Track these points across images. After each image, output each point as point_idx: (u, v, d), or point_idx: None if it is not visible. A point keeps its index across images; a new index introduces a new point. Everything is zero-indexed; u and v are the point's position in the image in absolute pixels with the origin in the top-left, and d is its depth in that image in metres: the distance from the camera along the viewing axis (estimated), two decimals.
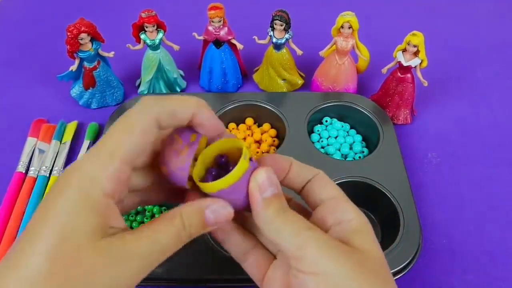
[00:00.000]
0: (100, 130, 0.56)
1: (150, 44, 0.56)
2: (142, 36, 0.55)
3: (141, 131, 0.23)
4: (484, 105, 0.61)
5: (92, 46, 0.54)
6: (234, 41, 0.57)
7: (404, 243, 0.42)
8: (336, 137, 0.54)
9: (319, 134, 0.55)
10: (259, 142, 0.54)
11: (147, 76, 0.58)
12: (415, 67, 0.53)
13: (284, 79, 0.60)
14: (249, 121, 0.56)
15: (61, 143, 0.54)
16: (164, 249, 0.24)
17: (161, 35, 0.55)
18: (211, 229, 0.26)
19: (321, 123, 0.56)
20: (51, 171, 0.51)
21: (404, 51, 0.52)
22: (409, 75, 0.54)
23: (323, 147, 0.53)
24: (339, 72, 0.57)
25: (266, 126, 0.56)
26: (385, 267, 0.26)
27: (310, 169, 0.29)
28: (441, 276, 0.44)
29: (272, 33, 0.55)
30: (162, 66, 0.58)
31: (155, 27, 0.55)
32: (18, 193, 0.49)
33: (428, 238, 0.46)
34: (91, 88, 0.57)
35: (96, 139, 0.55)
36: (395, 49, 0.53)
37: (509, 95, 0.62)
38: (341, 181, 0.47)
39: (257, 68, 0.62)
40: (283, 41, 0.55)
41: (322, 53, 0.58)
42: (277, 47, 0.56)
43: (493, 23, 0.74)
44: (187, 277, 0.41)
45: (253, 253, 0.29)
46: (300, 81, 0.61)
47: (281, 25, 0.53)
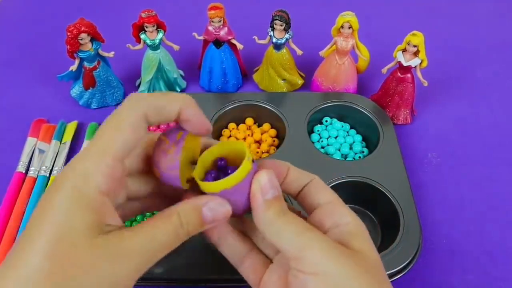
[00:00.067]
0: None
1: (150, 44, 0.56)
2: (142, 36, 0.55)
3: (130, 127, 0.24)
4: (484, 105, 0.61)
5: (92, 46, 0.54)
6: (234, 41, 0.57)
7: (404, 243, 0.42)
8: (336, 137, 0.54)
9: (319, 134, 0.55)
10: (259, 142, 0.54)
11: (147, 76, 0.58)
12: (415, 67, 0.53)
13: (284, 79, 0.60)
14: (249, 121, 0.56)
15: (61, 143, 0.54)
16: (161, 246, 0.24)
17: (161, 35, 0.55)
18: (209, 226, 0.26)
19: (321, 123, 0.56)
20: (51, 171, 0.51)
21: (404, 51, 0.52)
22: (409, 75, 0.54)
23: (323, 147, 0.53)
24: (339, 72, 0.57)
25: (266, 126, 0.56)
26: (382, 269, 0.26)
27: (306, 174, 0.29)
28: (441, 276, 0.44)
29: (272, 33, 0.55)
30: (162, 66, 0.58)
31: (155, 27, 0.55)
32: (18, 193, 0.49)
33: (428, 238, 0.46)
34: (91, 88, 0.57)
35: None
36: (395, 49, 0.53)
37: (509, 95, 0.62)
38: (341, 181, 0.47)
39: (257, 68, 0.62)
40: (283, 41, 0.55)
41: (322, 53, 0.58)
42: (277, 47, 0.57)
43: (493, 23, 0.74)
44: (187, 277, 0.41)
45: (249, 257, 0.29)
46: (300, 81, 0.61)
47: (281, 25, 0.53)
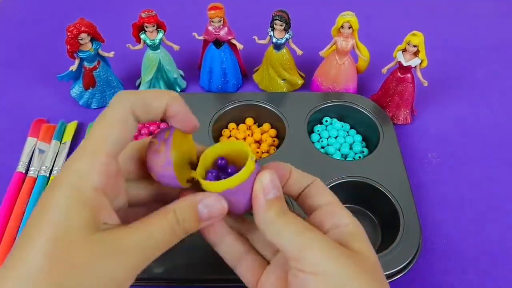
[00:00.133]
0: None
1: (150, 44, 0.56)
2: (142, 36, 0.55)
3: (119, 122, 0.24)
4: (484, 105, 0.61)
5: (92, 46, 0.54)
6: (234, 41, 0.57)
7: (404, 243, 0.42)
8: (336, 137, 0.54)
9: (319, 134, 0.55)
10: (259, 142, 0.54)
11: (147, 76, 0.58)
12: (415, 67, 0.53)
13: (284, 79, 0.60)
14: (249, 121, 0.56)
15: (61, 143, 0.54)
16: (158, 243, 0.24)
17: (161, 35, 0.55)
18: (206, 224, 0.26)
19: (321, 123, 0.56)
20: (51, 171, 0.51)
21: (404, 51, 0.52)
22: (409, 75, 0.54)
23: (323, 147, 0.53)
24: (339, 72, 0.57)
25: (266, 126, 0.56)
26: (380, 269, 0.27)
27: (307, 176, 0.30)
28: (441, 276, 0.44)
29: (272, 33, 0.55)
30: (162, 66, 0.58)
31: (155, 27, 0.55)
32: (18, 193, 0.49)
33: (428, 238, 0.46)
34: (91, 88, 0.57)
35: None
36: (395, 49, 0.53)
37: (509, 95, 0.62)
38: (341, 181, 0.47)
39: (257, 68, 0.62)
40: (283, 41, 0.55)
41: (322, 53, 0.58)
42: (277, 47, 0.56)
43: (493, 23, 0.74)
44: (187, 277, 0.41)
45: (246, 258, 0.29)
46: (300, 81, 0.61)
47: (281, 25, 0.53)
